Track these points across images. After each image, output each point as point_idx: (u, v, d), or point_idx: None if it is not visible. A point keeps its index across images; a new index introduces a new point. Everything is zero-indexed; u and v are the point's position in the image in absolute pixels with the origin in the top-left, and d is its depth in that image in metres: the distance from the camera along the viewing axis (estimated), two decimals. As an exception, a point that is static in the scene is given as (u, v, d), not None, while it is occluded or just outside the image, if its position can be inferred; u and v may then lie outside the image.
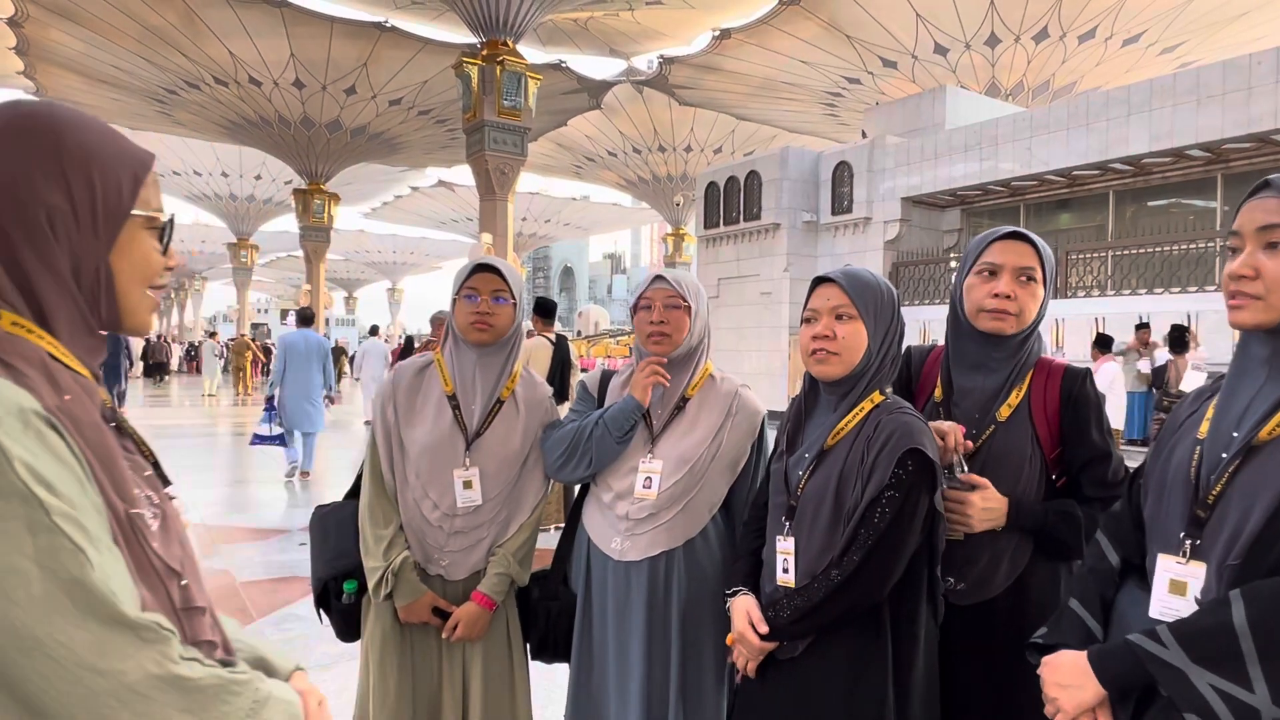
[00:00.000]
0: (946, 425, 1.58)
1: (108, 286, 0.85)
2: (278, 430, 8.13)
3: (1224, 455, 1.11)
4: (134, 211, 0.85)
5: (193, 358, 28.73)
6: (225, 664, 0.81)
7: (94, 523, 0.72)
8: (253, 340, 26.47)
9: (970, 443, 1.59)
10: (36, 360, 0.77)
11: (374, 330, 16.11)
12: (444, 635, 1.90)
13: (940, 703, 1.53)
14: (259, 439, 8.19)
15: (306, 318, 8.88)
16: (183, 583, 0.85)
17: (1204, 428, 1.17)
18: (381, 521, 1.93)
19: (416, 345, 12.98)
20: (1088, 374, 1.63)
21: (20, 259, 0.78)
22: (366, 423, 14.35)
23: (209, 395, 19.92)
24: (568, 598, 2.00)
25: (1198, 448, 1.16)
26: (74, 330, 0.82)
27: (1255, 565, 1.03)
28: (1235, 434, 1.11)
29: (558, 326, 6.57)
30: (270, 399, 8.20)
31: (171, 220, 0.92)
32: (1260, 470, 1.06)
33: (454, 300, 1.96)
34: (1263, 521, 1.03)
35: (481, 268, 1.95)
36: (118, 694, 0.67)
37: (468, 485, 1.92)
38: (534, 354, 5.98)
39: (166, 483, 0.94)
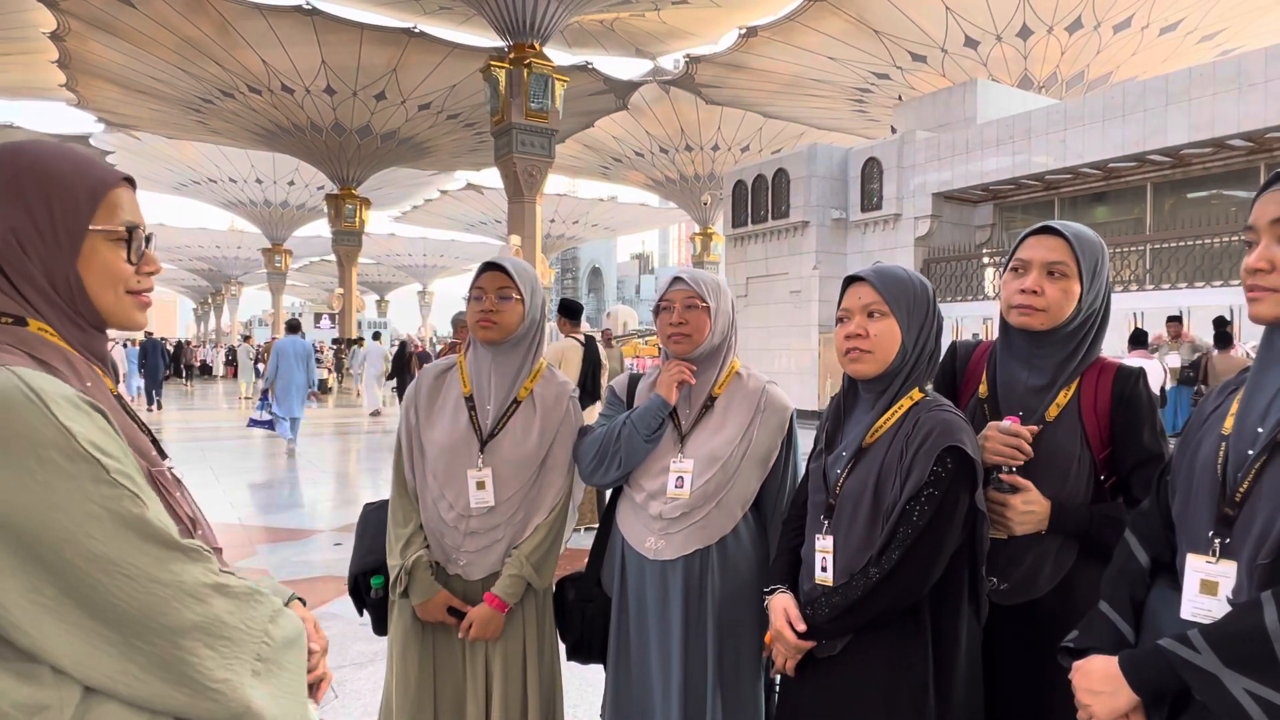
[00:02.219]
0: (1019, 428, 1.53)
1: (80, 292, 0.98)
2: (267, 416, 10.20)
3: (1250, 452, 1.09)
4: (91, 227, 0.98)
5: (231, 361, 29.47)
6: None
7: (140, 477, 0.90)
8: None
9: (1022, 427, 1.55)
10: (60, 357, 0.95)
11: (376, 335, 19.67)
12: (460, 635, 1.92)
13: (984, 703, 1.51)
14: (254, 423, 10.30)
15: (294, 326, 11.20)
16: (198, 531, 1.05)
17: (1229, 423, 1.15)
18: (401, 521, 1.97)
19: (440, 348, 14.12)
20: (1141, 374, 1.59)
21: (8, 275, 0.95)
22: (373, 414, 15.99)
23: (245, 398, 20.32)
24: (603, 599, 2.01)
25: (1223, 444, 1.14)
26: (68, 330, 0.98)
27: None
28: (1260, 429, 1.09)
29: (585, 327, 6.58)
30: (265, 392, 10.39)
31: (135, 231, 1.02)
32: None
33: (467, 302, 1.99)
34: None
35: (489, 266, 1.96)
36: (178, 597, 0.87)
37: (480, 486, 1.93)
38: (565, 355, 6.00)
39: (164, 455, 1.12)
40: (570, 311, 6.34)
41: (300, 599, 1.16)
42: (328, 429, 14.08)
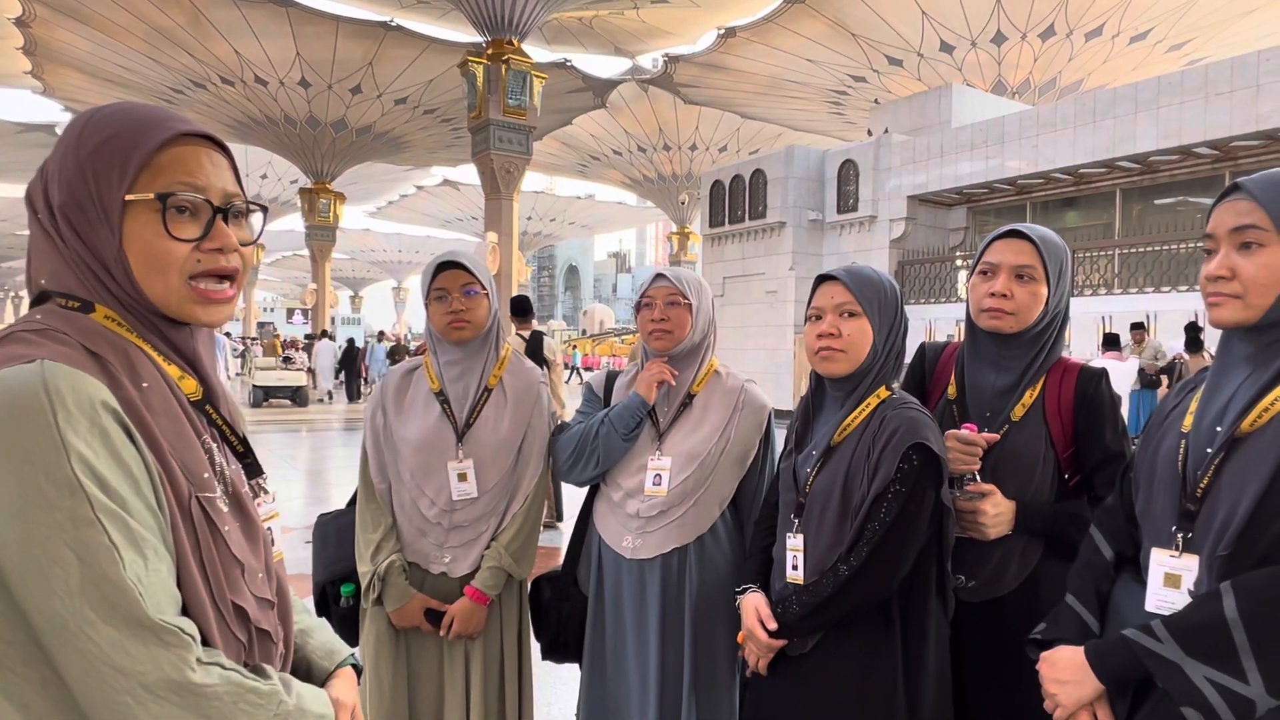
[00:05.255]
0: (976, 437, 1.55)
1: (129, 278, 0.81)
2: None
3: (1209, 450, 1.13)
4: (127, 197, 0.79)
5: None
6: (256, 670, 0.81)
7: (145, 524, 0.73)
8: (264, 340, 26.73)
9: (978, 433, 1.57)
10: (121, 351, 0.79)
11: (324, 334, 21.33)
12: (441, 633, 1.89)
13: (953, 698, 1.53)
14: None
15: None
16: (247, 573, 0.85)
17: (1188, 421, 1.19)
18: (370, 526, 1.93)
19: (416, 345, 14.97)
20: (1103, 374, 1.63)
21: (64, 257, 0.80)
22: (319, 400, 17.84)
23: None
24: (579, 598, 2.00)
25: (1183, 441, 1.18)
26: (135, 321, 0.82)
27: (1244, 555, 1.06)
28: (1219, 428, 1.13)
29: (564, 324, 6.54)
30: None
31: (166, 197, 0.81)
32: (1245, 462, 1.09)
33: (426, 304, 1.96)
34: (1249, 512, 1.05)
35: (447, 265, 1.93)
36: (134, 693, 0.69)
37: (462, 477, 1.90)
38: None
39: (257, 473, 0.94)
40: (520, 309, 6.21)
41: (356, 666, 0.99)
42: (300, 427, 13.92)
